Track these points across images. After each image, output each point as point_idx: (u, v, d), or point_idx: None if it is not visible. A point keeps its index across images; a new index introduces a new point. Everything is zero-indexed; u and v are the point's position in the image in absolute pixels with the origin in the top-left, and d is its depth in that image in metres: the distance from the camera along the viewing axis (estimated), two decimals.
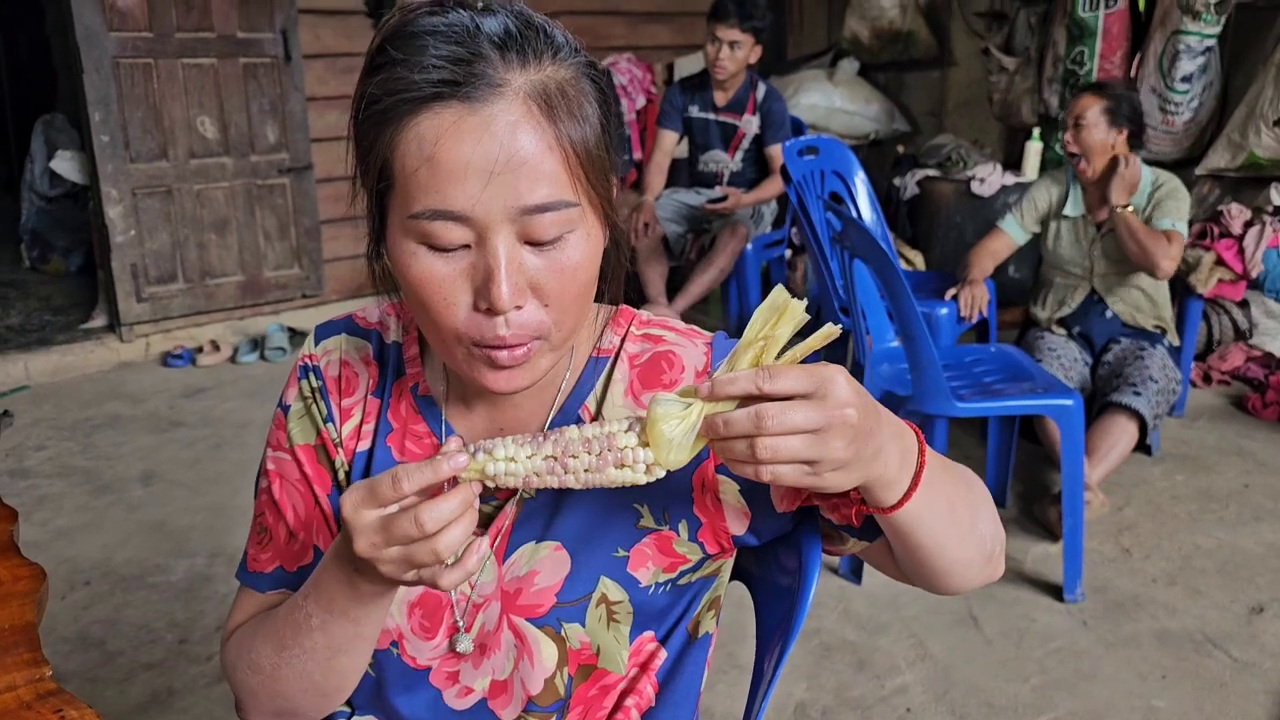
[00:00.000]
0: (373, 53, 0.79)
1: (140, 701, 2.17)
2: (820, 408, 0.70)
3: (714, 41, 3.98)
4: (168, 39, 4.38)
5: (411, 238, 0.77)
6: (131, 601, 2.57)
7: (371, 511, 0.74)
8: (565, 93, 0.76)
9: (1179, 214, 3.07)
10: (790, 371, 0.71)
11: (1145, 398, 2.93)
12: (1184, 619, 2.43)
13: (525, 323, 0.78)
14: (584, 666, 0.94)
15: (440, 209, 0.75)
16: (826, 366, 0.72)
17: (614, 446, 0.74)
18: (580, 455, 0.74)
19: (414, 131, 0.74)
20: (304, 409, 0.97)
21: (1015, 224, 3.37)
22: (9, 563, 1.11)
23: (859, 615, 2.47)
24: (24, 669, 0.93)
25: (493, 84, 0.74)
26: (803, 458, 0.70)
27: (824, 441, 0.70)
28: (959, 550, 0.86)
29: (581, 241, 0.79)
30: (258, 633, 0.92)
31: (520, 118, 0.74)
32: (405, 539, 0.73)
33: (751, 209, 4.25)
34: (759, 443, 0.70)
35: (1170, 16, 4.16)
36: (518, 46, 0.75)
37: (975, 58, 5.38)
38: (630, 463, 0.74)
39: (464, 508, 0.74)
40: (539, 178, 0.74)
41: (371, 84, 0.76)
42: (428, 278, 0.77)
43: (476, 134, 0.73)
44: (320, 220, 4.93)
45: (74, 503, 3.15)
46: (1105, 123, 3.08)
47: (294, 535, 0.96)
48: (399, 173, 0.76)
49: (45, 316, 4.98)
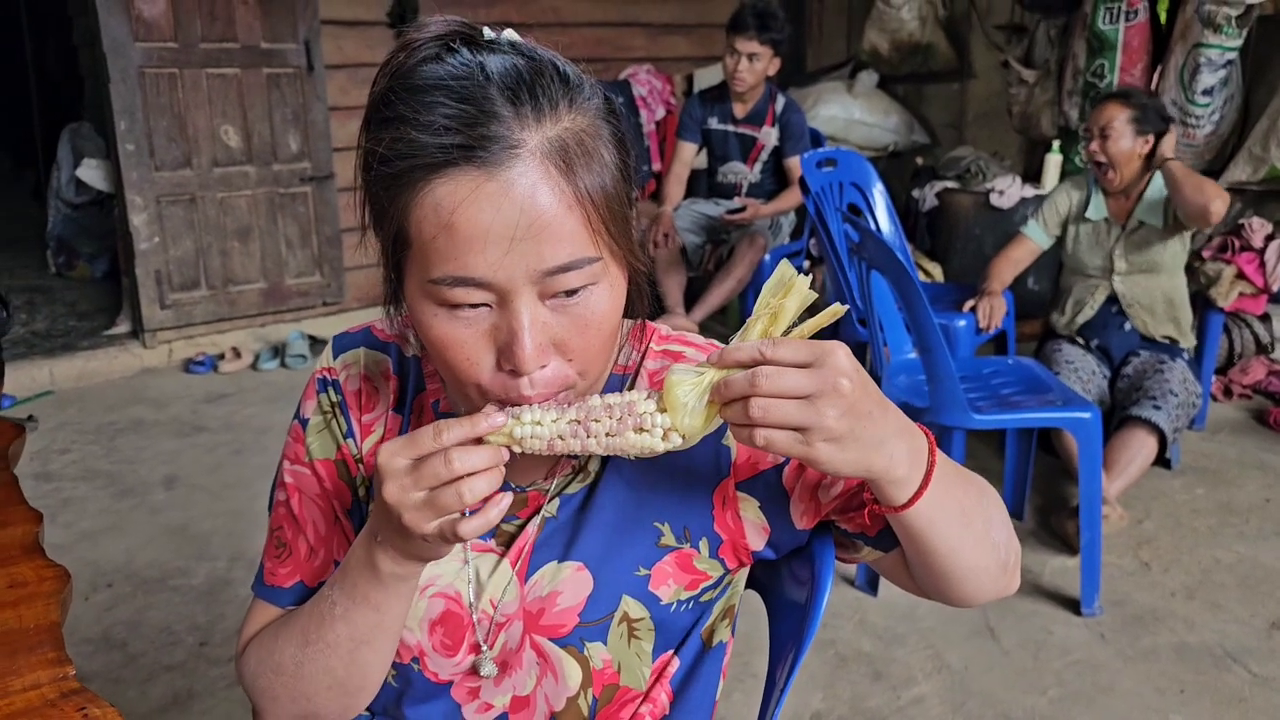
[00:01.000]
0: (378, 101, 0.77)
1: (161, 703, 2.19)
2: (815, 375, 0.71)
3: (733, 54, 4.00)
4: (192, 49, 4.43)
5: (431, 300, 0.76)
6: (153, 604, 2.59)
7: (405, 458, 0.75)
8: (583, 144, 0.75)
9: None
10: (792, 342, 0.73)
11: (1165, 411, 2.91)
12: (1203, 633, 2.42)
13: (550, 380, 0.78)
14: (608, 687, 0.94)
15: (461, 276, 0.74)
16: (829, 341, 0.74)
17: (633, 411, 0.76)
18: (602, 419, 0.76)
19: (430, 198, 0.72)
20: (323, 423, 0.97)
21: (1038, 228, 3.36)
22: (34, 564, 1.13)
23: (875, 626, 2.47)
24: (48, 668, 0.95)
25: (508, 145, 0.72)
26: (794, 422, 0.71)
27: (815, 409, 0.71)
28: (972, 556, 0.86)
29: (604, 293, 0.78)
30: (280, 634, 0.92)
31: (539, 180, 0.72)
32: (434, 479, 0.73)
33: (770, 220, 4.26)
34: (752, 402, 0.71)
35: (1191, 29, 4.15)
36: (530, 98, 0.73)
37: (995, 70, 5.37)
38: (649, 427, 0.76)
39: (493, 460, 0.75)
40: (560, 239, 0.73)
41: (381, 141, 0.74)
42: (449, 339, 0.77)
43: (495, 200, 0.71)
44: (341, 229, 4.97)
45: (97, 506, 3.18)
46: (1132, 131, 3.06)
47: (314, 551, 0.96)
48: (416, 238, 0.75)
49: (70, 322, 5.04)
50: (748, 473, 0.92)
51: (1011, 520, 0.95)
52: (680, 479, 0.92)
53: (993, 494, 0.92)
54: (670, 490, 0.92)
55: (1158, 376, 3.03)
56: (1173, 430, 2.94)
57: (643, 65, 5.62)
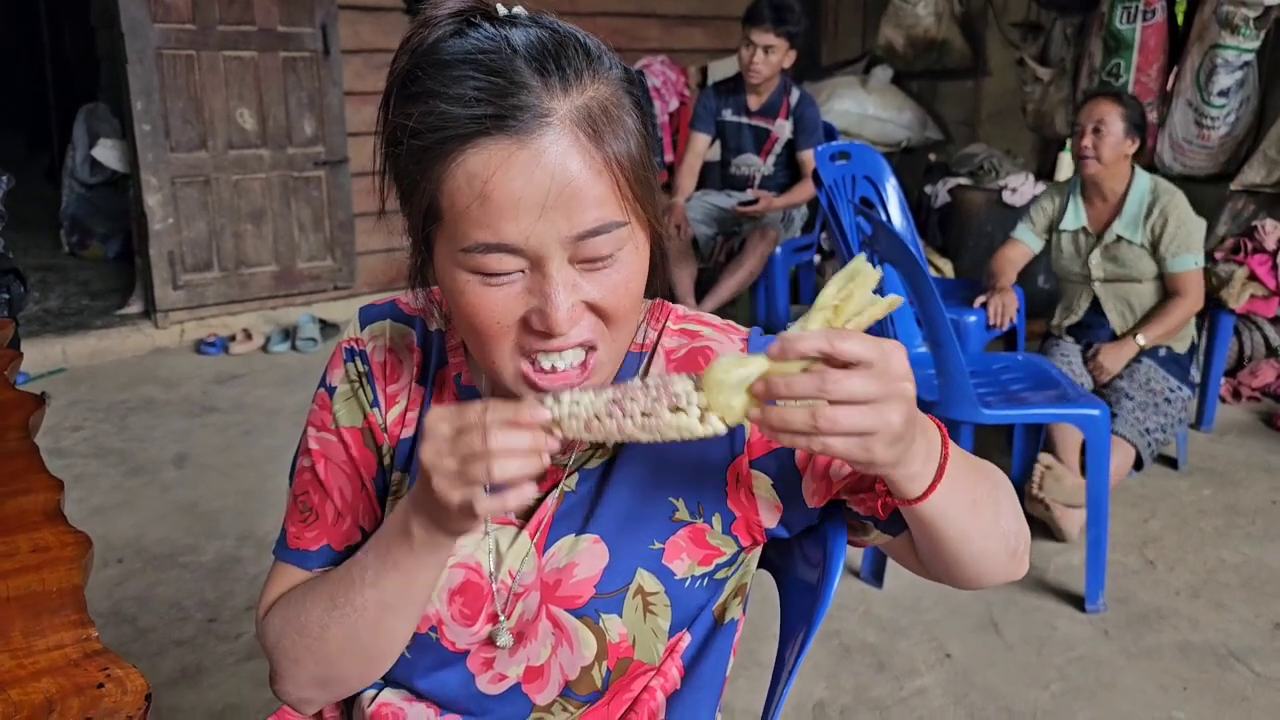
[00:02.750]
0: (403, 77, 0.78)
1: (170, 677, 2.22)
2: (881, 379, 0.70)
3: (748, 46, 4.00)
4: (210, 31, 4.45)
5: (463, 269, 0.78)
6: (163, 580, 2.62)
7: (449, 425, 0.76)
8: (608, 111, 0.77)
9: (1197, 245, 3.06)
10: (858, 337, 0.70)
11: (1122, 418, 2.92)
12: (1207, 632, 2.42)
13: (579, 333, 0.80)
14: (622, 660, 0.95)
15: (494, 243, 0.75)
16: (889, 341, 0.72)
17: (669, 390, 0.75)
18: (638, 398, 0.75)
19: (462, 169, 0.74)
20: (350, 392, 0.98)
21: (1029, 231, 3.37)
22: (56, 529, 1.15)
23: (880, 618, 2.48)
24: (71, 629, 0.96)
25: (538, 114, 0.74)
26: (861, 429, 0.70)
27: (880, 414, 0.70)
28: (981, 543, 0.87)
29: (631, 256, 0.81)
30: (307, 597, 0.93)
31: (569, 146, 0.74)
32: (468, 449, 0.74)
33: (782, 213, 4.26)
34: (821, 411, 0.69)
35: (1208, 30, 4.14)
36: (557, 68, 0.75)
37: (1010, 68, 5.37)
38: (684, 405, 0.74)
39: (532, 445, 0.75)
40: (590, 204, 0.75)
41: (409, 115, 0.76)
42: (481, 304, 0.79)
43: (528, 168, 0.73)
44: (354, 213, 4.98)
45: (109, 482, 3.21)
46: (1122, 131, 3.05)
47: (341, 515, 0.97)
48: (448, 209, 0.76)
49: (83, 301, 5.07)
50: (761, 450, 0.93)
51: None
52: (694, 455, 0.93)
53: (1004, 481, 0.93)
54: (684, 466, 0.93)
55: (1114, 382, 3.04)
56: (1140, 433, 2.92)
57: (657, 56, 5.63)
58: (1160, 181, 3.13)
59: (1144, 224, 3.07)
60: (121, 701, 0.86)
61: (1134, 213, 3.09)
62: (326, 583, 0.92)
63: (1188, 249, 3.04)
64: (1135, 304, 3.17)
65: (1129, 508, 3.01)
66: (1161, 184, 3.12)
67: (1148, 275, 3.12)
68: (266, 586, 1.00)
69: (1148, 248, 3.08)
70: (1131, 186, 3.11)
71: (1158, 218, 3.05)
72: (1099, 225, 3.18)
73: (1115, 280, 3.17)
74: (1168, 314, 3.07)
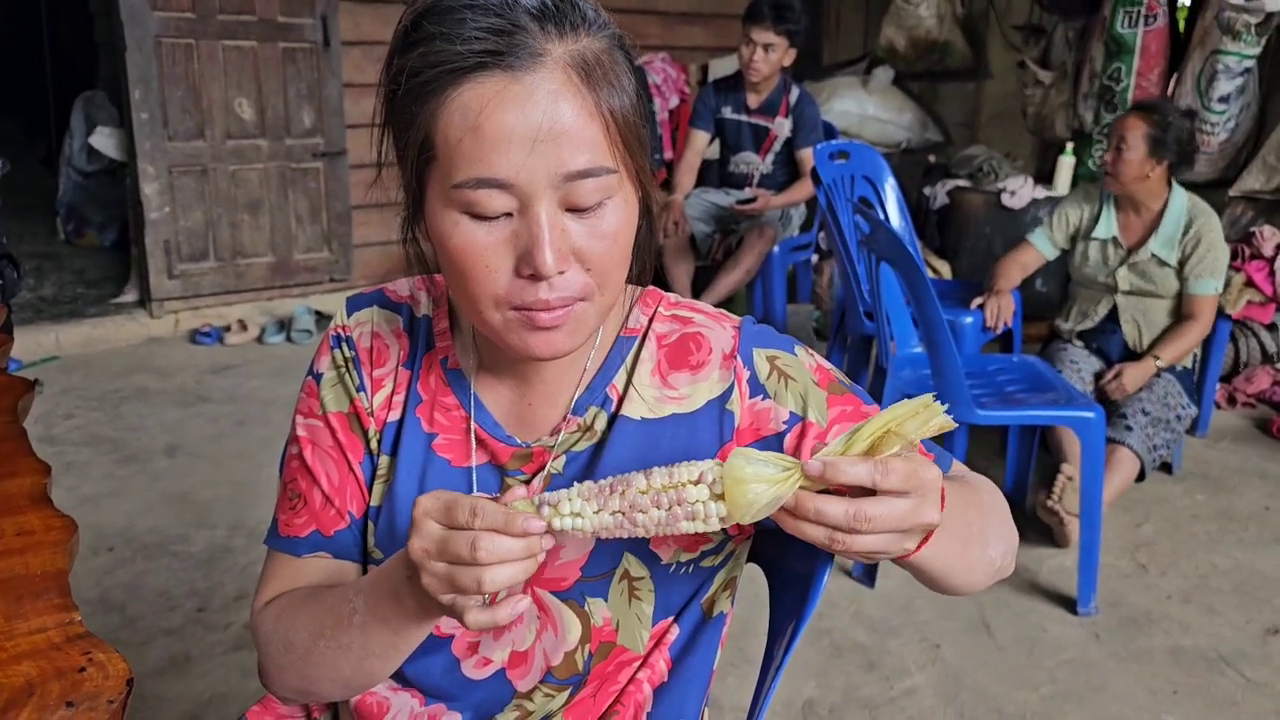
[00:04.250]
0: (406, 29, 0.80)
1: (158, 666, 2.21)
2: (913, 512, 0.72)
3: (748, 43, 3.99)
4: (210, 20, 4.43)
5: (453, 208, 0.78)
6: (152, 569, 2.61)
7: (438, 522, 0.75)
8: (602, 62, 0.78)
9: (1221, 271, 3.06)
10: (901, 469, 0.71)
11: (1136, 432, 2.92)
12: (1198, 636, 2.42)
13: (568, 285, 0.79)
14: (604, 644, 0.95)
15: (484, 177, 0.76)
16: (928, 469, 0.73)
17: (684, 500, 0.73)
18: (649, 511, 0.74)
19: (457, 102, 0.75)
20: (337, 377, 0.98)
21: (1045, 238, 3.34)
22: (42, 513, 1.14)
23: (871, 618, 2.48)
24: (55, 613, 0.96)
25: (534, 53, 0.75)
26: (875, 552, 0.73)
27: (899, 542, 0.74)
28: (964, 578, 0.89)
29: (620, 207, 0.81)
30: (300, 612, 0.92)
31: (561, 86, 0.75)
32: (455, 558, 0.73)
33: (780, 211, 4.25)
34: (845, 540, 0.72)
35: (1210, 36, 4.14)
36: (555, 18, 0.77)
37: (1011, 70, 5.37)
38: (703, 516, 0.73)
39: (526, 553, 0.74)
40: (581, 145, 0.76)
41: (410, 58, 0.77)
42: (470, 246, 0.78)
43: (520, 102, 0.74)
44: (352, 205, 4.97)
45: (100, 471, 3.20)
46: (1145, 150, 2.98)
47: (329, 500, 0.97)
48: (442, 144, 0.77)
49: (78, 289, 5.05)
50: (750, 437, 0.93)
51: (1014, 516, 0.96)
52: (684, 441, 0.93)
53: (992, 500, 0.94)
54: (673, 452, 0.93)
55: (1134, 394, 3.03)
56: (1149, 449, 2.92)
57: (658, 54, 5.62)
58: (1197, 201, 3.10)
59: (1179, 244, 3.06)
60: (103, 685, 0.86)
61: (1170, 232, 3.06)
62: (317, 607, 0.91)
63: (1211, 273, 3.04)
64: (1150, 318, 3.16)
65: (1122, 511, 3.01)
66: (1198, 204, 3.09)
67: (1170, 293, 3.11)
68: (262, 578, 1.00)
69: (1176, 267, 3.08)
70: (1169, 205, 3.08)
71: (1191, 238, 3.04)
72: (1132, 239, 3.15)
73: (1139, 294, 3.16)
74: (1182, 336, 3.06)
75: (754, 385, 0.93)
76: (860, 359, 3.46)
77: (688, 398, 0.93)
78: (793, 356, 0.95)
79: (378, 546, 0.97)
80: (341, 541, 0.97)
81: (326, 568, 0.97)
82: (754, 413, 0.93)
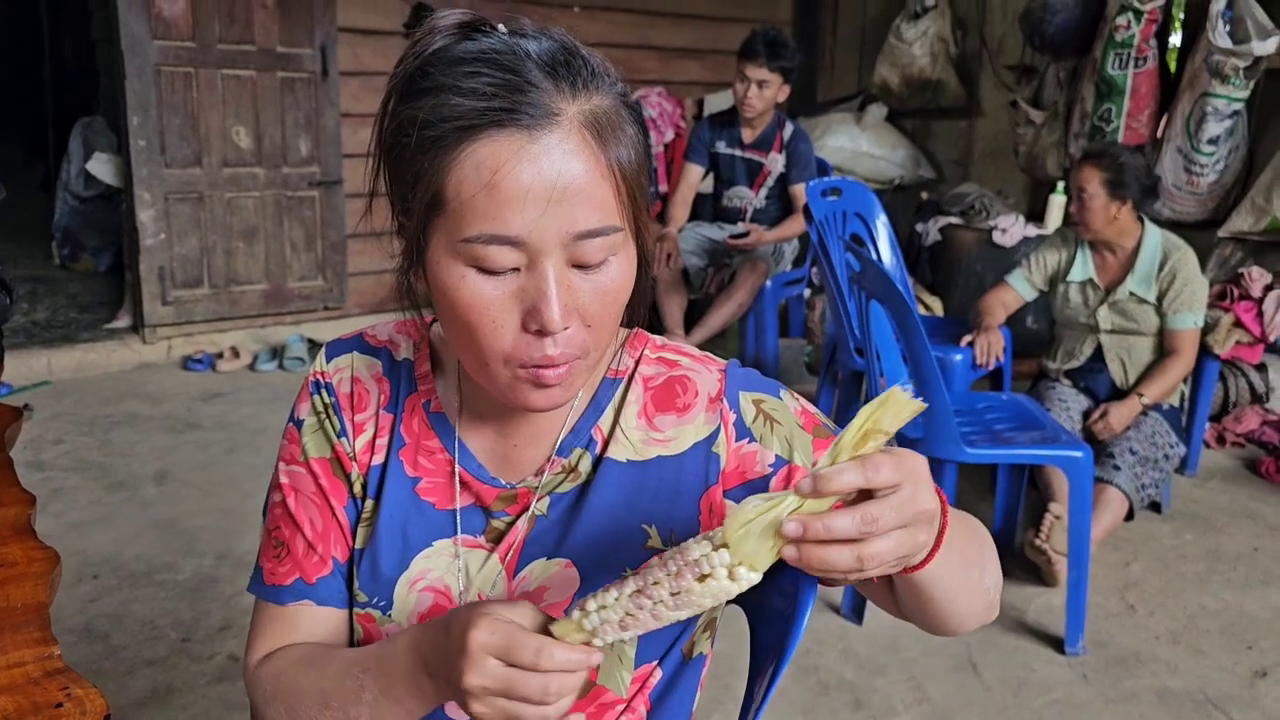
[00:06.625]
0: (411, 74, 0.79)
1: (140, 697, 2.19)
2: (912, 500, 0.70)
3: (743, 80, 4.03)
4: (209, 49, 4.47)
5: (461, 260, 0.78)
6: (138, 597, 2.59)
7: (498, 664, 0.74)
8: (611, 119, 0.79)
9: (1200, 305, 3.08)
10: (887, 464, 0.68)
11: (1124, 472, 2.93)
12: (1185, 678, 2.42)
13: (570, 341, 0.80)
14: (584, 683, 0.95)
15: (497, 234, 0.76)
16: (911, 456, 0.71)
17: (688, 559, 0.73)
18: (661, 580, 0.73)
19: (471, 158, 0.75)
20: (317, 424, 0.98)
21: (1023, 280, 3.38)
22: (24, 544, 1.14)
23: (858, 655, 2.47)
24: (33, 647, 0.95)
25: (549, 112, 0.76)
26: (900, 554, 0.70)
27: (912, 536, 0.70)
28: (966, 604, 0.87)
29: (622, 264, 0.82)
30: (301, 679, 0.91)
31: (577, 146, 0.76)
32: (523, 698, 0.74)
33: (773, 246, 4.28)
34: (865, 551, 0.68)
35: (1199, 78, 4.19)
36: (567, 75, 0.78)
37: (1003, 109, 5.42)
38: (709, 569, 0.72)
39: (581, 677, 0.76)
40: (592, 205, 0.77)
41: (418, 108, 0.77)
42: (477, 301, 0.79)
43: (537, 162, 0.75)
44: (347, 234, 4.99)
45: (88, 497, 3.18)
46: (1105, 195, 3.03)
47: (312, 547, 0.97)
48: (453, 198, 0.77)
49: (71, 314, 5.05)
50: (736, 480, 0.93)
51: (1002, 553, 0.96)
52: (669, 484, 0.93)
53: (986, 537, 0.93)
54: (659, 494, 0.93)
55: (1122, 433, 3.04)
56: (1137, 488, 2.93)
57: (654, 88, 5.67)
58: (1170, 237, 3.13)
59: (1155, 280, 3.09)
60: None
61: (1146, 269, 3.09)
62: (319, 676, 0.90)
63: (1189, 308, 3.06)
64: (1134, 356, 3.18)
65: (1110, 550, 3.01)
66: (1171, 239, 3.12)
67: (1152, 329, 3.14)
68: (253, 629, 0.99)
69: (1155, 303, 3.10)
70: (1143, 242, 3.11)
71: (1167, 274, 3.07)
72: (1108, 279, 3.18)
73: (1121, 332, 3.18)
74: (1165, 372, 3.08)
75: (740, 428, 0.94)
76: (851, 395, 3.47)
77: (674, 440, 0.94)
78: (779, 400, 0.96)
79: (361, 589, 0.96)
80: (324, 589, 0.97)
81: (313, 615, 0.97)
82: (740, 456, 0.93)
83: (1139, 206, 3.09)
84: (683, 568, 0.72)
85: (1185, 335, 3.08)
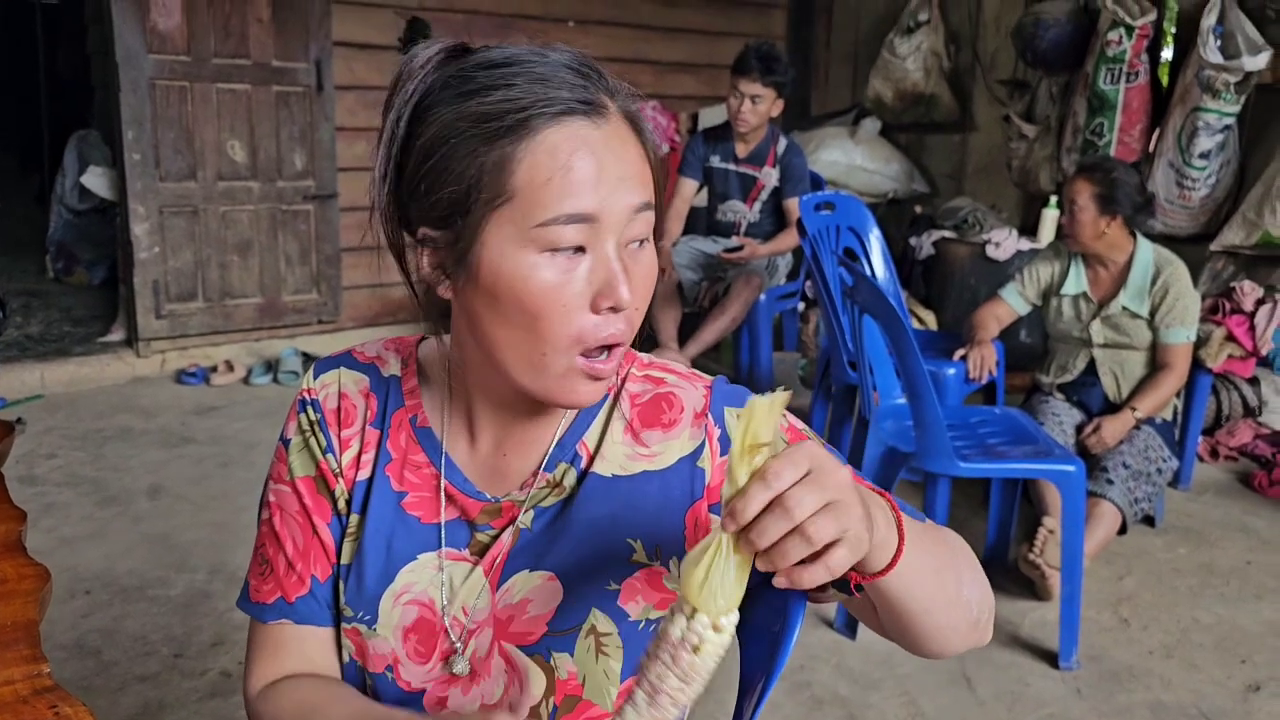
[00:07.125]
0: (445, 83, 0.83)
1: (131, 713, 2.18)
2: (820, 477, 0.70)
3: (736, 94, 4.05)
4: (204, 63, 4.48)
5: (533, 248, 0.80)
6: (130, 613, 2.58)
7: None
8: (638, 116, 0.87)
9: (1192, 319, 3.09)
10: (783, 465, 0.70)
11: (1117, 485, 2.93)
12: (1179, 692, 2.42)
13: (629, 320, 0.85)
14: (570, 697, 0.95)
15: (575, 212, 0.80)
16: (797, 447, 0.72)
17: (673, 642, 0.74)
18: (660, 671, 0.75)
19: (544, 144, 0.80)
20: (303, 442, 0.99)
21: (1016, 294, 3.39)
22: (15, 561, 1.14)
23: (852, 670, 2.47)
24: (23, 665, 0.95)
25: (601, 104, 0.83)
26: (841, 529, 0.70)
27: (844, 511, 0.71)
28: (944, 615, 0.87)
29: (650, 249, 0.88)
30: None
31: (627, 134, 0.84)
32: None
33: (767, 260, 4.29)
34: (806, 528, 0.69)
35: (1191, 93, 4.21)
36: (597, 78, 0.85)
37: (996, 124, 5.45)
38: (699, 639, 0.73)
39: None
40: (644, 184, 0.84)
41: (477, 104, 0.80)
42: (548, 287, 0.81)
43: (605, 144, 0.82)
44: (341, 248, 4.99)
45: (80, 512, 3.17)
46: (1095, 209, 3.05)
47: (292, 566, 0.98)
48: (525, 185, 0.79)
49: (65, 327, 5.05)
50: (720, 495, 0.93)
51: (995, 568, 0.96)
52: (654, 498, 0.93)
53: (964, 548, 0.93)
54: (644, 509, 0.93)
55: (1115, 447, 3.05)
56: (1130, 502, 2.94)
57: (649, 102, 5.69)
58: (1162, 251, 3.14)
59: (1148, 295, 3.10)
60: None
61: (1138, 284, 3.10)
62: None
63: (1181, 322, 3.07)
64: (1127, 370, 3.19)
65: (1104, 565, 3.01)
66: (1163, 254, 3.13)
67: (1144, 344, 3.15)
68: (251, 653, 1.00)
69: (1147, 318, 3.11)
70: (1135, 257, 3.12)
71: (1159, 288, 3.08)
72: (1101, 293, 3.19)
73: (1114, 346, 3.19)
74: (1158, 387, 3.09)
75: (725, 443, 0.94)
76: (844, 409, 3.47)
77: (659, 455, 0.94)
78: None
79: (348, 604, 0.97)
80: (304, 608, 0.98)
81: (297, 634, 0.98)
82: (724, 470, 0.94)
83: (1131, 223, 3.10)
84: (675, 651, 0.74)
85: (1178, 349, 3.09)
